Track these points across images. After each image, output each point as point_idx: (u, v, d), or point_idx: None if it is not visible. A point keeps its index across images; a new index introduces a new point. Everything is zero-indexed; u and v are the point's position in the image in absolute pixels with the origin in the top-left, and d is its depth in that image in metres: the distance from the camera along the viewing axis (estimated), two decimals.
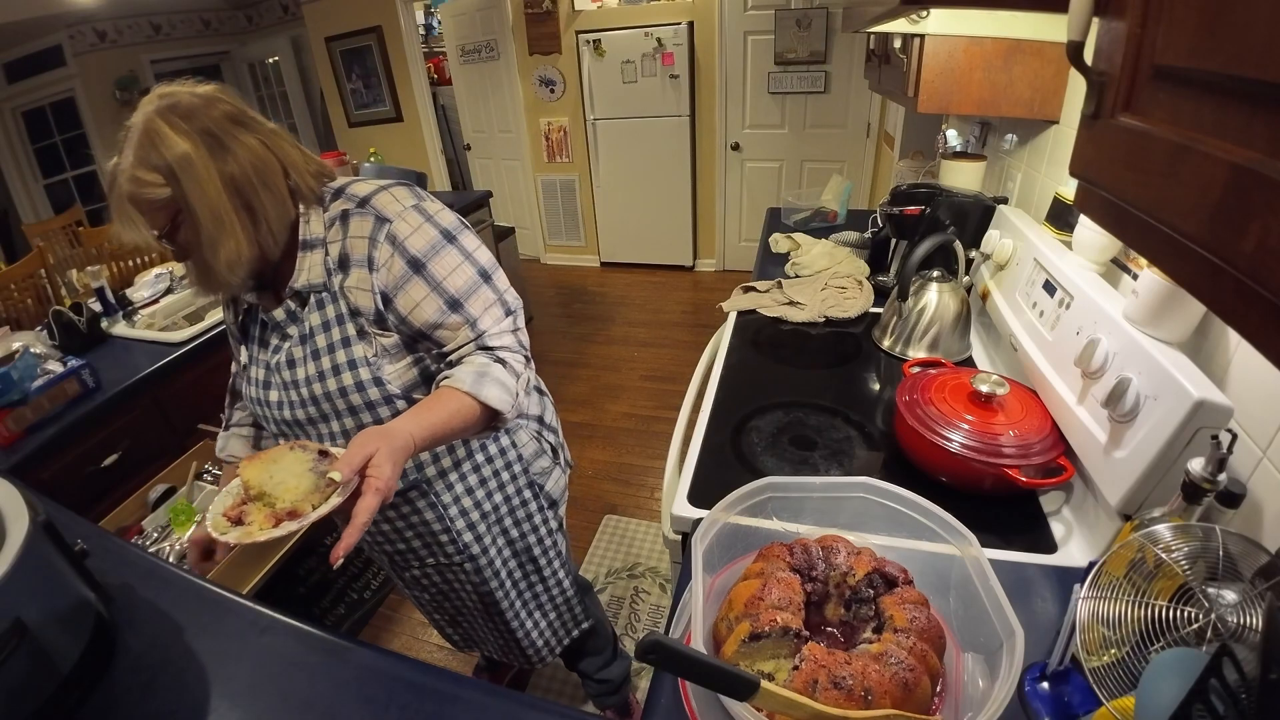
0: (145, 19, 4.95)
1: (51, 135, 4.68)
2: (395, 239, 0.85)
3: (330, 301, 0.88)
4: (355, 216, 0.86)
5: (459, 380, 0.83)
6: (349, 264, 0.86)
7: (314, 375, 0.89)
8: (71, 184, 4.85)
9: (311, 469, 0.72)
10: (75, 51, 4.57)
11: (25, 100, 4.50)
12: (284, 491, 0.70)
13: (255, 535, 0.66)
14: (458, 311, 0.87)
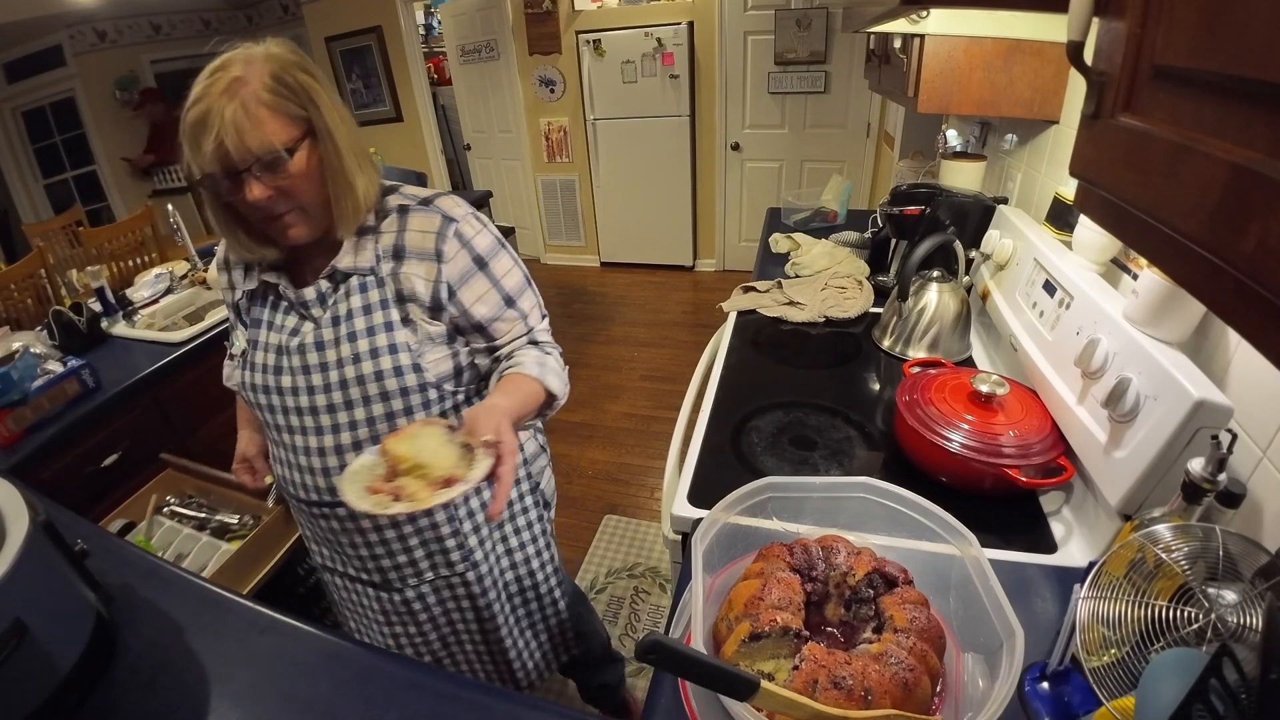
0: (145, 19, 4.95)
1: (51, 135, 4.68)
2: (462, 236, 0.91)
3: (375, 285, 0.88)
4: (418, 213, 0.90)
5: (526, 367, 0.91)
6: (404, 254, 0.89)
7: (348, 357, 0.88)
8: (71, 184, 4.84)
9: (449, 441, 0.76)
10: (75, 51, 4.57)
11: (25, 100, 4.50)
12: (437, 461, 0.73)
13: (430, 500, 0.70)
14: (512, 307, 0.96)
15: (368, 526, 0.98)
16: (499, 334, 0.96)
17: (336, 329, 0.88)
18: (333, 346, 0.88)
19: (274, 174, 0.79)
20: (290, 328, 0.91)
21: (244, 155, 0.76)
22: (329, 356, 0.88)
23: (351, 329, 0.88)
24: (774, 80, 3.85)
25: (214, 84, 0.75)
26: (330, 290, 0.89)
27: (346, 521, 0.97)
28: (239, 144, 0.75)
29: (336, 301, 0.89)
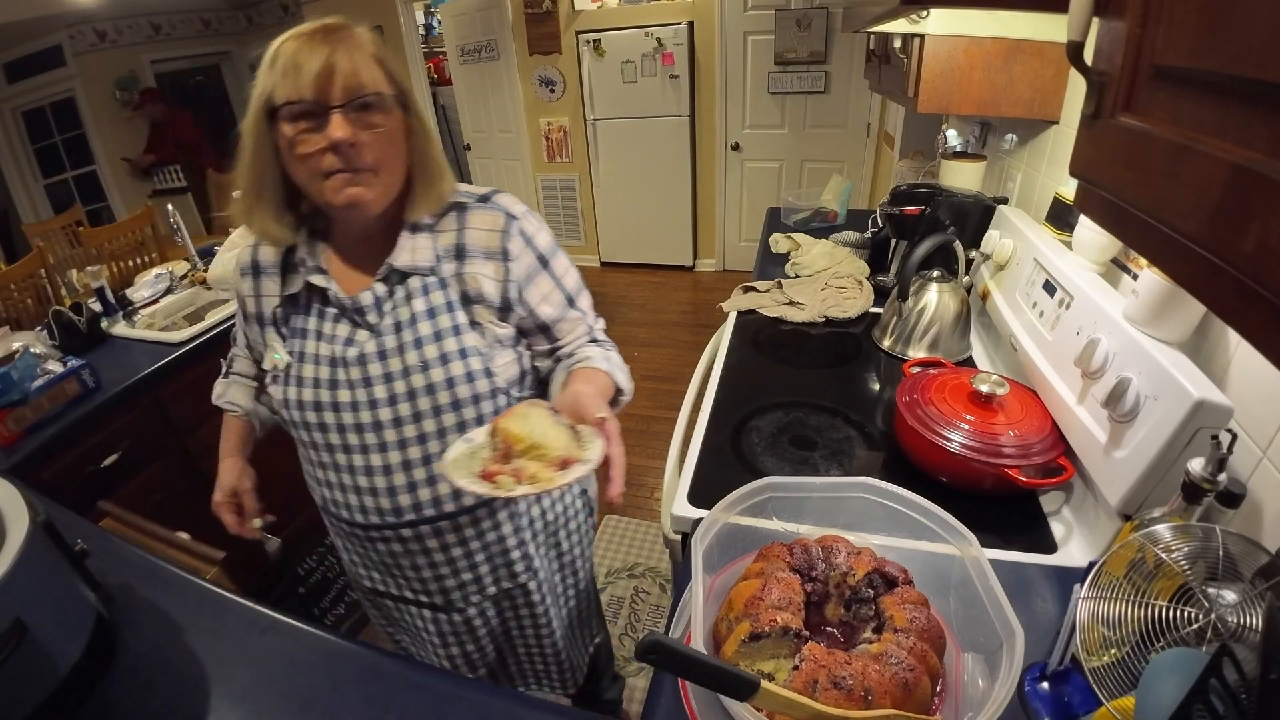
0: (145, 19, 4.95)
1: (51, 135, 4.68)
2: (525, 234, 0.88)
3: (437, 287, 0.84)
4: (477, 210, 0.87)
5: (595, 361, 0.90)
6: (467, 253, 0.85)
7: (416, 365, 0.82)
8: (71, 184, 4.84)
9: (556, 422, 0.73)
10: (75, 51, 4.57)
11: (25, 100, 4.50)
12: (551, 441, 0.71)
13: (557, 480, 0.67)
14: (574, 307, 0.95)
15: (434, 546, 0.92)
16: (562, 334, 0.93)
17: (400, 335, 0.82)
18: (396, 355, 0.82)
19: (366, 120, 0.74)
20: (343, 337, 0.84)
21: (348, 86, 0.72)
22: (393, 366, 0.82)
23: (417, 335, 0.82)
24: (774, 80, 3.85)
25: (320, 25, 0.74)
26: (386, 294, 0.83)
27: (411, 543, 0.91)
28: (349, 72, 0.72)
29: (396, 306, 0.83)
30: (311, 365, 0.85)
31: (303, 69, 0.71)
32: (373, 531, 0.91)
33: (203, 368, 1.89)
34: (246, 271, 0.90)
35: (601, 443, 0.70)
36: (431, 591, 0.98)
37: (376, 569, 0.99)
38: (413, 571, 0.95)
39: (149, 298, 2.17)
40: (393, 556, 0.94)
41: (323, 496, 0.93)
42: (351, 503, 0.89)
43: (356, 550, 0.98)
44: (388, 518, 0.88)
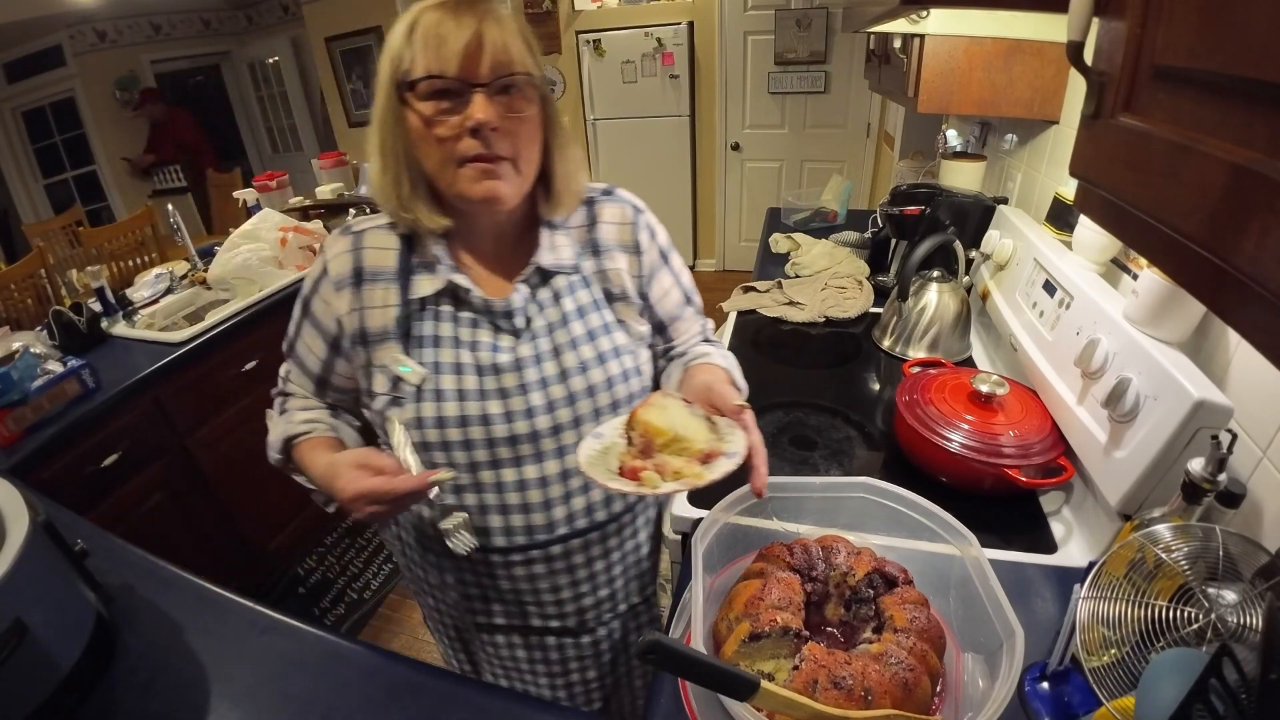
0: (145, 19, 4.95)
1: (51, 135, 4.69)
2: (650, 227, 0.86)
3: (582, 285, 0.80)
4: (605, 203, 0.84)
5: (714, 358, 0.87)
6: (602, 248, 0.82)
7: (575, 368, 0.77)
8: (71, 184, 4.85)
9: (692, 413, 0.70)
10: (75, 51, 4.57)
11: (25, 100, 4.50)
12: (693, 434, 0.67)
13: (706, 476, 0.63)
14: (690, 304, 0.92)
15: (579, 561, 0.86)
16: (677, 334, 0.91)
17: (553, 338, 0.78)
18: (551, 359, 0.77)
19: (509, 103, 0.68)
20: (487, 343, 0.76)
21: (497, 62, 0.66)
22: (548, 370, 0.77)
23: (571, 336, 0.78)
24: (774, 80, 3.85)
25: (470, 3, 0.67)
26: (530, 295, 0.78)
27: (558, 560, 0.85)
28: (500, 46, 0.66)
29: (544, 307, 0.78)
30: (452, 376, 0.75)
31: (447, 40, 0.64)
32: (514, 555, 0.83)
33: (203, 368, 1.90)
34: (344, 284, 0.77)
35: (742, 434, 0.67)
36: (567, 614, 0.90)
37: (500, 599, 0.88)
38: (550, 594, 0.88)
39: (149, 298, 2.17)
40: (530, 580, 0.86)
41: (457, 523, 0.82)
42: (494, 525, 0.81)
43: (476, 584, 0.87)
44: (538, 535, 0.82)
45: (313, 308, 0.81)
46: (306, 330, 0.82)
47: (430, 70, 0.65)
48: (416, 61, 0.66)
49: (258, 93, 5.83)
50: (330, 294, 0.78)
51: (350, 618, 2.09)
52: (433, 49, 0.65)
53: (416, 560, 0.92)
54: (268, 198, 2.75)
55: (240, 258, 2.16)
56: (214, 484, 1.94)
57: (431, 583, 0.93)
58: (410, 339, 0.76)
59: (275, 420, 0.86)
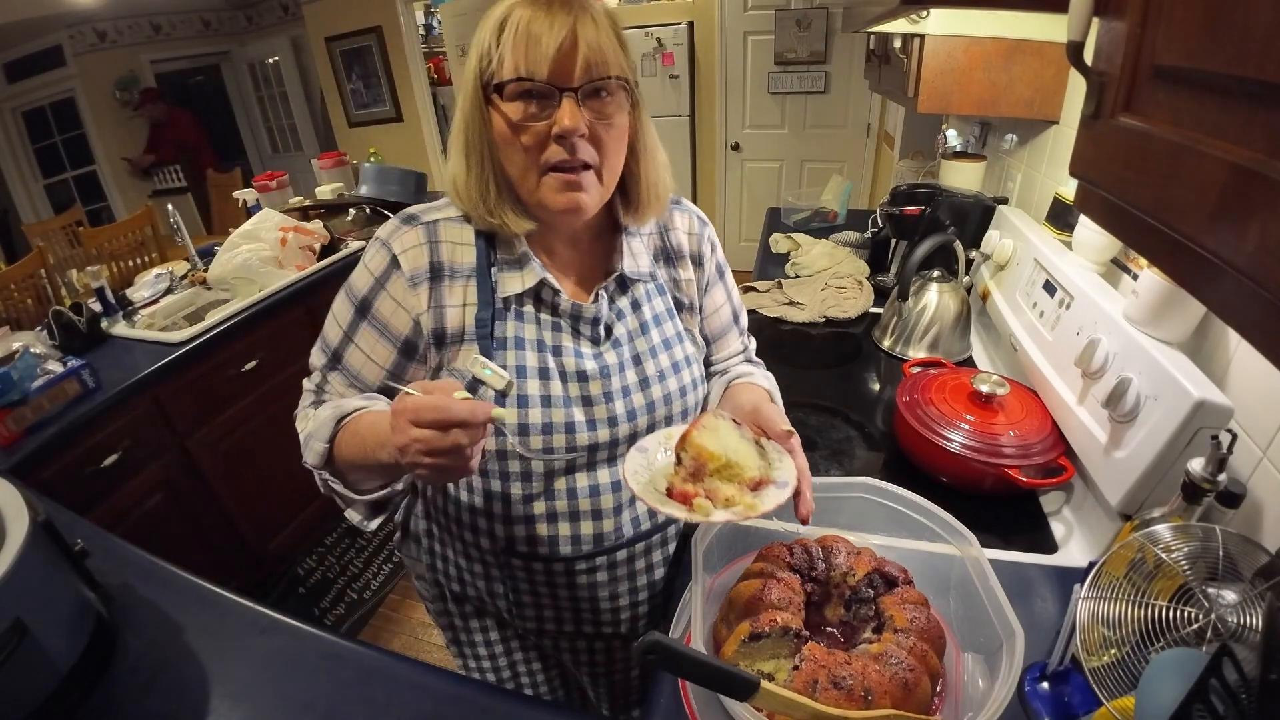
0: (145, 19, 4.95)
1: (51, 135, 4.68)
2: (713, 241, 0.86)
3: (658, 293, 0.80)
4: (675, 211, 0.85)
5: (756, 378, 0.86)
6: (672, 257, 0.83)
7: (654, 376, 0.77)
8: (71, 184, 4.85)
9: (742, 437, 0.67)
10: (75, 51, 4.57)
11: (25, 100, 4.50)
12: (744, 460, 0.65)
13: (759, 507, 0.61)
14: (738, 322, 0.91)
15: (641, 567, 0.84)
16: (720, 351, 0.90)
17: (634, 345, 0.77)
18: (632, 366, 0.76)
19: (599, 108, 0.65)
20: (571, 348, 0.74)
21: (591, 64, 0.62)
22: (630, 378, 0.76)
23: (651, 344, 0.78)
24: (774, 80, 3.85)
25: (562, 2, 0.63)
26: (608, 301, 0.77)
27: (621, 566, 0.83)
28: (595, 47, 0.62)
29: (625, 314, 0.77)
30: (538, 381, 0.72)
31: (541, 41, 0.61)
32: (580, 563, 0.80)
33: (203, 368, 1.90)
34: (420, 279, 0.71)
35: (790, 461, 0.66)
36: (620, 620, 0.88)
37: (554, 606, 0.86)
38: (609, 601, 0.85)
39: (149, 298, 2.17)
40: (591, 588, 0.83)
41: (514, 534, 0.79)
42: (563, 534, 0.78)
43: (530, 591, 0.84)
44: (605, 541, 0.80)
45: (377, 308, 0.72)
46: (365, 335, 0.74)
47: (519, 72, 0.62)
48: (505, 61, 0.63)
49: (258, 93, 5.82)
50: (403, 291, 0.71)
51: (350, 618, 2.09)
52: (523, 49, 0.62)
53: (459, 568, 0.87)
54: (268, 198, 2.75)
55: (240, 258, 2.16)
56: (214, 484, 1.94)
57: (471, 594, 0.89)
58: (492, 340, 0.71)
59: (313, 414, 0.74)
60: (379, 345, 0.74)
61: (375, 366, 0.75)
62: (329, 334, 0.76)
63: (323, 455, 0.68)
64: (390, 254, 0.72)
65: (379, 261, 0.72)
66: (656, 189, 0.76)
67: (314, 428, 0.69)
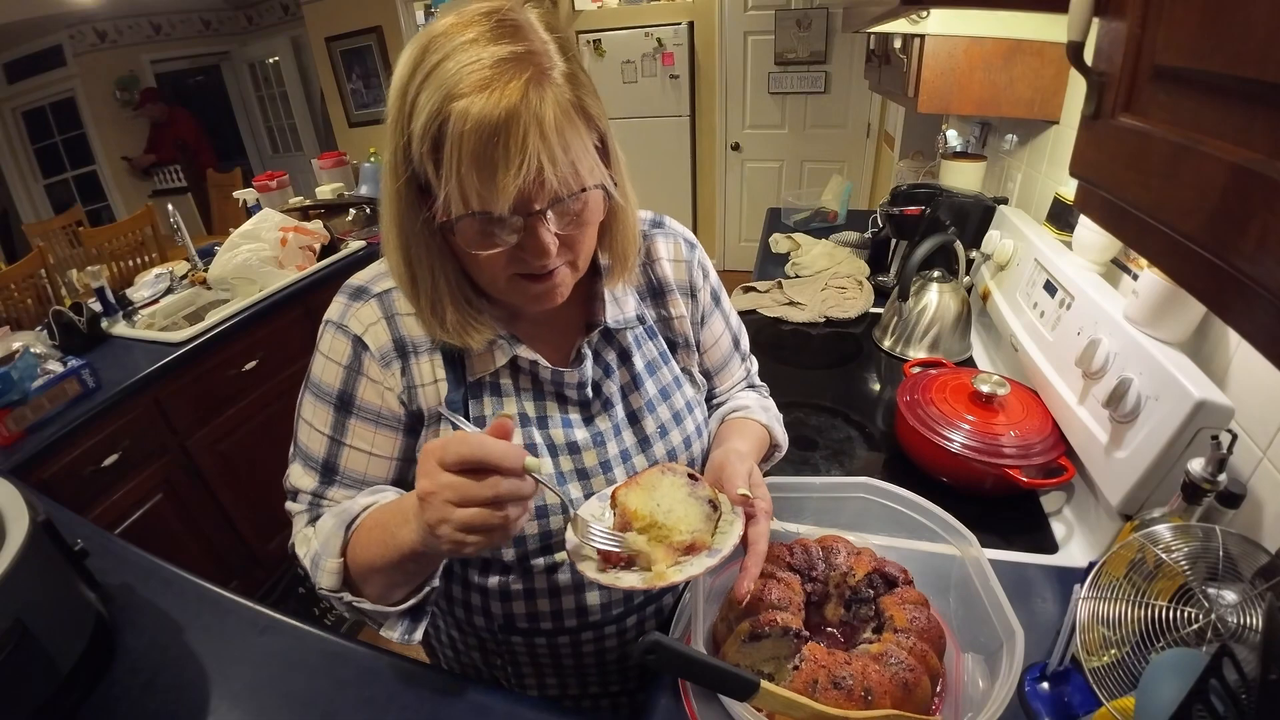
0: (145, 19, 4.95)
1: (51, 135, 4.69)
2: (704, 266, 0.77)
3: (648, 337, 0.73)
4: (657, 237, 0.75)
5: (753, 412, 0.79)
6: (660, 292, 0.74)
7: (655, 433, 0.70)
8: (71, 184, 4.85)
9: (690, 494, 0.62)
10: (75, 51, 4.57)
11: (25, 100, 4.50)
12: (676, 522, 0.60)
13: (669, 577, 0.56)
14: (738, 349, 0.84)
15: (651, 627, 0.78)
16: (722, 383, 0.83)
17: (628, 403, 0.70)
18: (628, 427, 0.70)
19: (565, 218, 0.56)
20: (558, 418, 0.68)
21: (562, 183, 0.53)
22: (627, 441, 0.70)
23: (646, 399, 0.71)
24: (774, 80, 3.85)
25: (512, 65, 0.49)
26: (591, 355, 0.69)
27: (630, 631, 0.77)
28: (565, 168, 0.52)
29: (613, 370, 0.70)
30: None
31: (497, 176, 0.49)
32: (586, 633, 0.75)
33: (203, 368, 1.90)
34: (390, 357, 0.64)
35: (739, 525, 0.59)
36: (630, 678, 0.84)
37: (557, 674, 0.81)
38: (617, 664, 0.80)
39: (149, 298, 2.17)
40: (599, 655, 0.78)
41: (513, 611, 0.73)
42: (567, 608, 0.73)
43: (534, 663, 0.80)
44: (615, 609, 0.75)
45: (361, 397, 0.65)
46: (359, 432, 0.65)
47: (473, 207, 0.52)
48: (452, 199, 0.51)
49: (258, 93, 5.82)
50: (379, 372, 0.64)
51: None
52: (474, 185, 0.50)
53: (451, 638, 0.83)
54: (268, 198, 2.75)
55: (240, 258, 2.16)
56: (214, 484, 1.94)
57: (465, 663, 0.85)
58: (464, 419, 0.65)
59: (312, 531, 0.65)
60: (379, 436, 0.66)
61: (382, 460, 0.67)
62: (310, 447, 0.66)
63: (338, 574, 0.58)
64: (351, 335, 0.64)
65: (341, 347, 0.64)
66: (626, 255, 0.67)
67: (320, 544, 0.60)
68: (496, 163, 0.49)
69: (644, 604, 0.78)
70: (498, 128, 0.48)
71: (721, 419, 0.82)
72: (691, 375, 0.78)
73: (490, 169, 0.49)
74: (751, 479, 0.63)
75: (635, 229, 0.68)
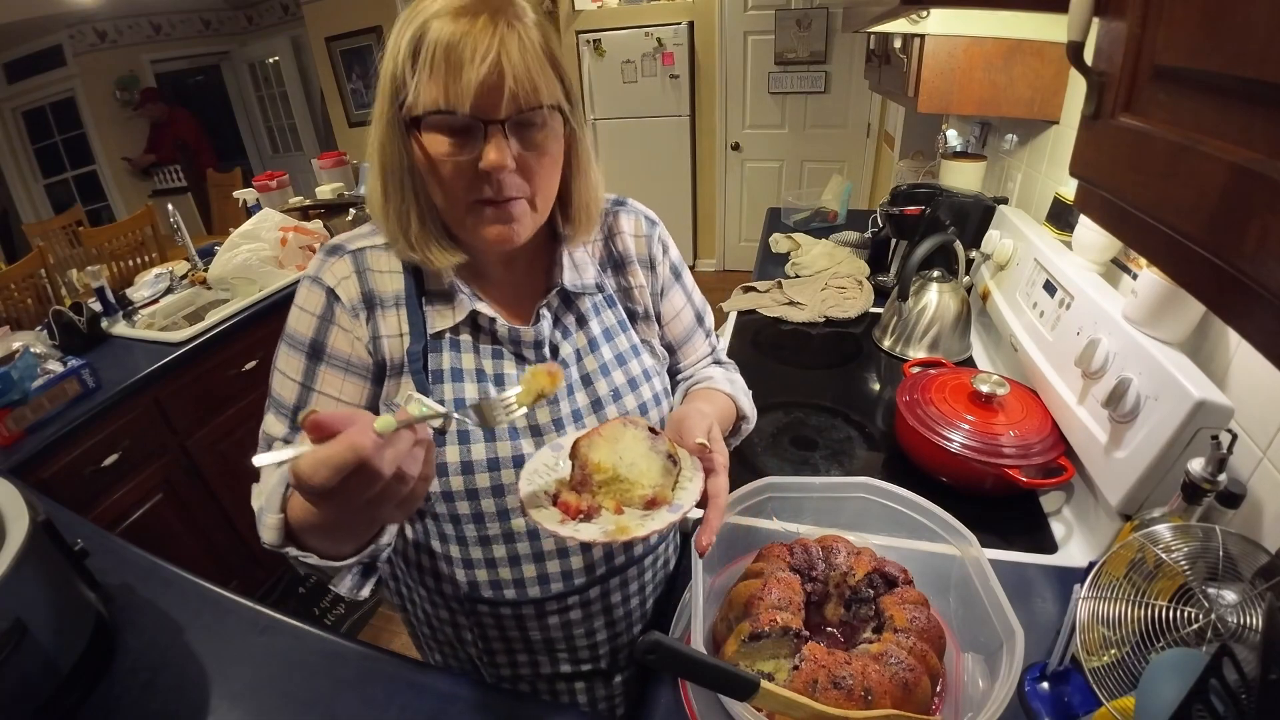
0: (145, 19, 4.95)
1: (51, 135, 4.68)
2: (664, 242, 0.81)
3: (607, 305, 0.75)
4: (620, 213, 0.79)
5: (717, 382, 0.81)
6: (620, 264, 0.78)
7: (608, 395, 0.72)
8: (71, 184, 4.85)
9: (651, 448, 0.62)
10: (75, 51, 4.57)
11: (25, 100, 4.50)
12: (639, 476, 0.60)
13: (635, 530, 0.55)
14: (702, 325, 0.86)
15: (617, 600, 0.80)
16: (686, 357, 0.86)
17: (582, 365, 0.72)
18: (582, 389, 0.72)
19: (525, 139, 0.60)
20: (512, 375, 0.70)
21: (521, 96, 0.57)
22: (580, 401, 0.72)
23: (601, 362, 0.73)
24: (774, 80, 3.85)
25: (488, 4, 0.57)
26: (553, 320, 0.72)
27: (595, 603, 0.79)
28: (523, 77, 0.56)
29: (570, 332, 0.73)
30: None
31: (462, 71, 0.55)
32: (550, 603, 0.77)
33: (203, 368, 1.90)
34: (359, 309, 0.67)
35: (699, 479, 0.60)
36: (600, 656, 0.85)
37: (527, 650, 0.82)
38: (585, 639, 0.82)
39: (149, 298, 2.17)
40: (565, 628, 0.80)
41: (476, 579, 0.75)
42: (528, 575, 0.74)
43: (501, 637, 0.81)
44: (577, 579, 0.76)
45: (332, 345, 0.68)
46: (329, 378, 0.68)
47: (439, 105, 0.57)
48: (422, 92, 0.57)
49: (258, 93, 5.82)
50: (350, 321, 0.67)
51: (350, 618, 2.09)
52: (441, 79, 0.56)
53: (426, 613, 0.84)
54: (268, 198, 2.75)
55: (240, 257, 2.16)
56: (214, 484, 1.94)
57: (441, 639, 0.86)
58: (427, 374, 0.67)
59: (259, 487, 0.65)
60: (347, 384, 0.68)
61: (350, 407, 0.68)
62: (282, 395, 0.69)
63: (279, 530, 0.55)
64: (325, 288, 0.68)
65: (316, 299, 0.68)
66: (589, 209, 0.71)
67: (264, 500, 0.58)
68: (463, 59, 0.55)
69: (607, 575, 0.78)
70: (468, 33, 0.55)
71: (686, 390, 0.83)
72: (651, 346, 0.79)
73: (457, 65, 0.55)
74: (710, 434, 0.64)
75: (598, 190, 0.71)
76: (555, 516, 0.57)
